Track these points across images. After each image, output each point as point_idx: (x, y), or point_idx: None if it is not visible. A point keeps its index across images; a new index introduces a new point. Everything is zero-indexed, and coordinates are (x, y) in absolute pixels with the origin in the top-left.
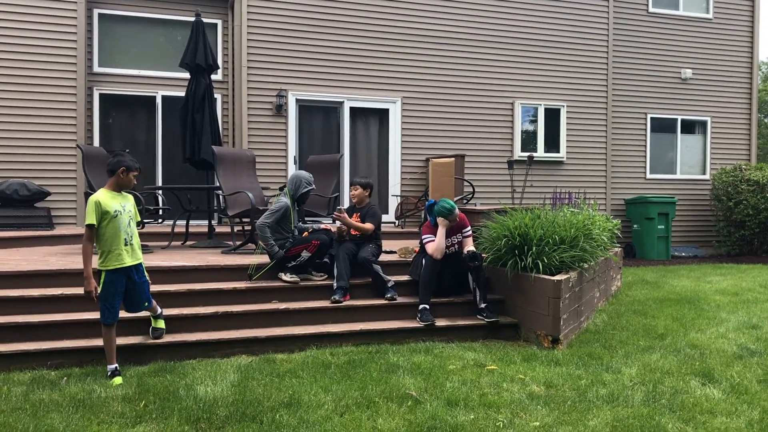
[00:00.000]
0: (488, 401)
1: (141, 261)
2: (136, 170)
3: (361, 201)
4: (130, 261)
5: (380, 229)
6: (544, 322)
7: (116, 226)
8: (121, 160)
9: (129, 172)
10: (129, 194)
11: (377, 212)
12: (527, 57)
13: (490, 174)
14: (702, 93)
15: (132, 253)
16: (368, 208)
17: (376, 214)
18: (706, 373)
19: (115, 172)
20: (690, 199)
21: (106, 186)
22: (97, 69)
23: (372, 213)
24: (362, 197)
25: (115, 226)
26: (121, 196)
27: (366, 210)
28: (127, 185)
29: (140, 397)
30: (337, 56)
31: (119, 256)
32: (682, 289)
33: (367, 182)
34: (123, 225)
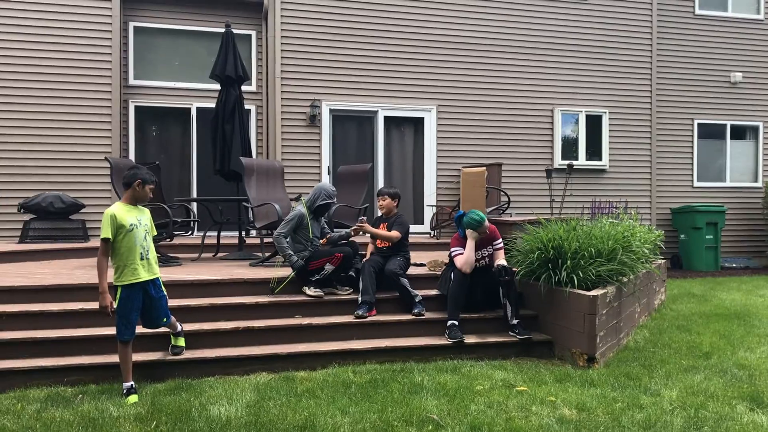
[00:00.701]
0: (514, 426)
1: (158, 275)
2: (152, 183)
3: (389, 211)
4: (146, 276)
5: (408, 240)
6: (579, 340)
7: (132, 240)
8: (137, 173)
9: (145, 185)
10: (145, 208)
11: (405, 222)
12: (567, 62)
13: (528, 183)
14: (753, 97)
15: (148, 267)
16: (396, 217)
17: (404, 223)
18: (755, 396)
19: (131, 185)
20: (741, 208)
21: (122, 199)
22: (133, 81)
23: (399, 222)
24: (390, 207)
25: (130, 240)
26: (137, 210)
27: (393, 220)
28: (143, 198)
29: (152, 416)
30: (370, 65)
31: (135, 270)
32: (731, 303)
33: (395, 192)
34: (139, 239)
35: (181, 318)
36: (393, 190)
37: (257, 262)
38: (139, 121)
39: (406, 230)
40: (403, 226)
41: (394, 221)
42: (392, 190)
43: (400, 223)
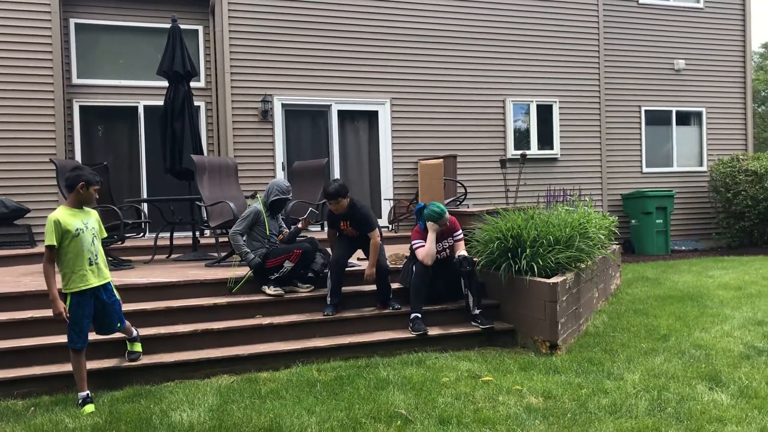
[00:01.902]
0: (483, 417)
1: (109, 280)
2: (97, 184)
3: (344, 207)
4: (96, 281)
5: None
6: (541, 327)
7: (79, 246)
8: (80, 174)
9: (89, 186)
10: (92, 210)
11: (368, 214)
12: (517, 53)
13: (483, 174)
14: (696, 84)
15: (98, 272)
16: (356, 212)
17: (368, 217)
18: (713, 376)
19: (74, 188)
20: (688, 192)
21: (66, 203)
22: (76, 80)
23: (362, 218)
24: (342, 206)
25: (77, 246)
26: (82, 213)
27: (355, 216)
28: (89, 201)
29: (111, 426)
30: (322, 59)
31: (84, 276)
32: (684, 285)
33: (337, 189)
34: (86, 244)
35: (137, 323)
36: (334, 189)
37: (213, 262)
38: (84, 121)
39: (373, 222)
40: (369, 222)
41: (358, 218)
42: (333, 190)
43: (365, 220)
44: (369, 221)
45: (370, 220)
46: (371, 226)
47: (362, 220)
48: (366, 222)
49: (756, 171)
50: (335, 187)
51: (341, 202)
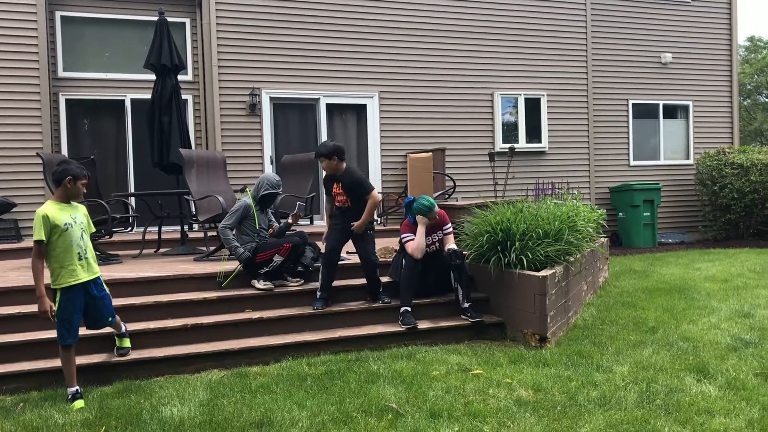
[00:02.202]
0: (473, 410)
1: (98, 274)
2: (85, 178)
3: (336, 170)
4: (86, 276)
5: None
6: (531, 320)
7: (68, 240)
8: (67, 168)
9: (77, 180)
10: (80, 204)
11: (359, 176)
12: (505, 47)
13: (471, 167)
14: (683, 77)
15: (88, 267)
16: (348, 174)
17: (362, 181)
18: (701, 368)
19: (62, 182)
20: (675, 185)
21: (54, 197)
22: (62, 74)
23: (356, 181)
24: (333, 167)
25: (66, 241)
26: (71, 207)
27: (348, 178)
28: (76, 195)
29: (101, 421)
30: (310, 52)
31: (73, 272)
32: (671, 278)
33: (332, 149)
34: (75, 238)
35: (126, 317)
36: (327, 149)
37: (202, 256)
38: (70, 114)
39: (367, 185)
40: (363, 184)
41: (350, 181)
42: (325, 149)
43: (358, 181)
44: (363, 184)
45: (365, 183)
46: (367, 189)
47: (355, 182)
48: (359, 184)
49: (742, 164)
50: (331, 146)
51: (334, 163)
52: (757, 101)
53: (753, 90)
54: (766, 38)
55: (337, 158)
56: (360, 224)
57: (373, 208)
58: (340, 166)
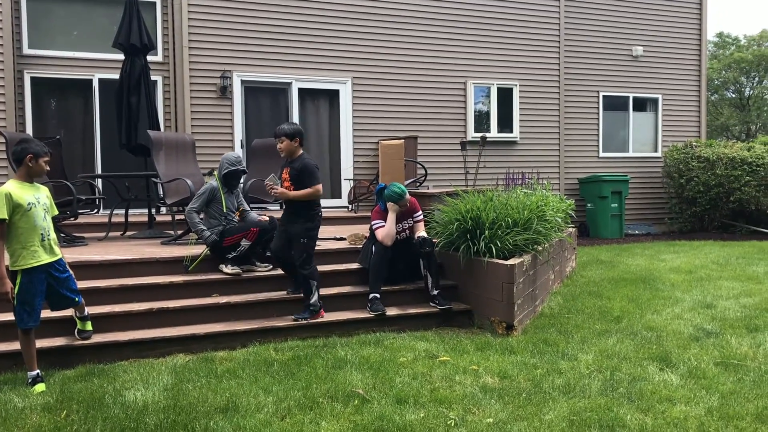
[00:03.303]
0: (440, 397)
1: (60, 257)
2: (46, 155)
3: (292, 153)
4: (47, 258)
5: (312, 185)
6: (498, 308)
7: (31, 221)
8: (27, 147)
9: (38, 158)
10: (42, 186)
11: (311, 167)
12: (479, 36)
13: (443, 156)
14: (653, 71)
15: (50, 249)
16: (301, 161)
17: (311, 170)
18: (664, 357)
19: (22, 161)
20: (643, 177)
21: (16, 177)
22: (27, 51)
23: (307, 169)
24: (290, 149)
25: (29, 221)
26: (33, 188)
27: (299, 165)
28: (38, 174)
29: (62, 405)
30: (283, 35)
31: (35, 253)
32: (637, 269)
33: (293, 130)
34: (38, 219)
35: (90, 300)
36: (289, 128)
37: (169, 240)
38: (36, 93)
39: (315, 177)
40: (313, 175)
41: (300, 167)
42: (289, 128)
43: (309, 171)
44: (313, 173)
45: (314, 174)
46: (313, 179)
47: (303, 168)
48: (308, 173)
49: (708, 158)
50: (294, 126)
51: (294, 146)
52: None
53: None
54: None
55: (298, 141)
56: (282, 192)
57: (309, 195)
58: (297, 151)
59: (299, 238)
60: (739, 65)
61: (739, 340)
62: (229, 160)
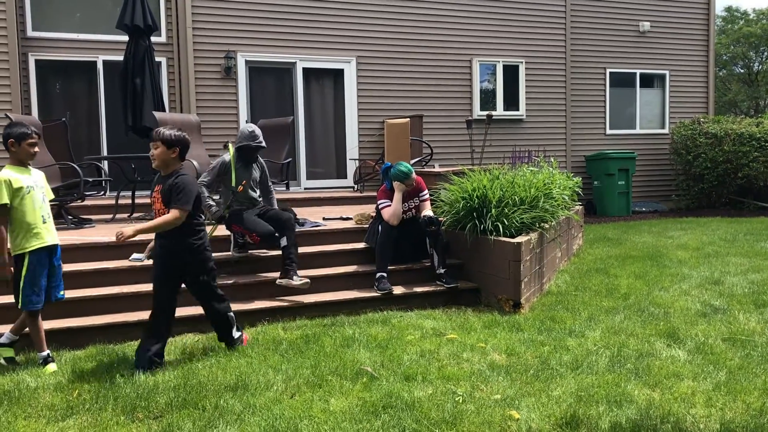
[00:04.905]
0: (447, 374)
1: (58, 243)
2: (30, 137)
3: (166, 165)
4: (50, 240)
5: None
6: (505, 286)
7: (31, 203)
8: (9, 131)
9: (20, 141)
10: (37, 170)
11: (183, 184)
12: (485, 13)
13: (449, 134)
14: (660, 46)
15: (50, 231)
16: (175, 180)
17: (178, 187)
18: (671, 333)
19: (8, 148)
20: (650, 154)
21: (9, 162)
22: (31, 33)
23: (172, 186)
24: (164, 159)
25: (30, 203)
26: (28, 171)
27: (172, 183)
28: (26, 157)
29: (74, 385)
30: (288, 14)
31: (38, 234)
32: (644, 246)
33: (174, 137)
34: (38, 201)
35: (99, 281)
36: (171, 134)
37: None
38: (41, 75)
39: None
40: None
41: (171, 185)
42: (170, 134)
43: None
44: (179, 191)
45: (180, 191)
46: (178, 200)
47: (171, 187)
48: (176, 190)
49: (716, 134)
50: (167, 130)
51: (161, 150)
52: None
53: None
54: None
55: (177, 152)
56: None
57: (166, 223)
58: (174, 165)
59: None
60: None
61: (746, 316)
62: (243, 134)
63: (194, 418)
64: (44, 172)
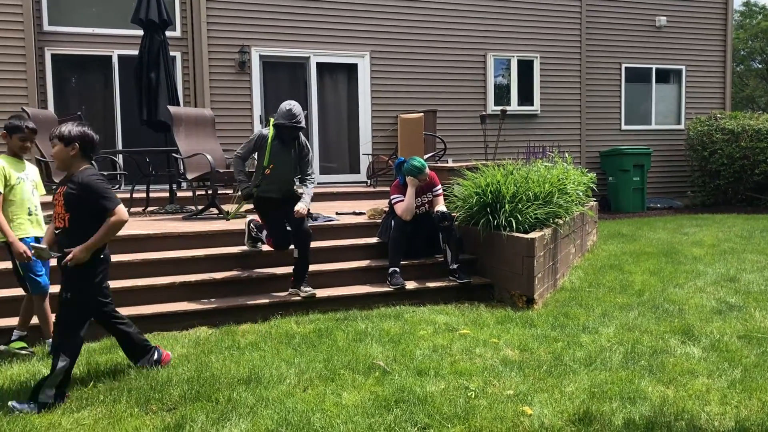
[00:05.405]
0: (460, 369)
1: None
2: (21, 132)
3: (66, 164)
4: (33, 232)
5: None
6: (518, 282)
7: (20, 194)
8: (6, 123)
9: (12, 134)
10: (30, 164)
11: (98, 183)
12: (499, 8)
13: (462, 129)
14: (677, 41)
15: (36, 224)
16: (81, 180)
17: (99, 186)
18: (686, 330)
19: None
20: (665, 150)
21: (5, 153)
22: (48, 28)
23: (94, 189)
24: (63, 158)
25: (18, 194)
26: (20, 163)
27: (80, 183)
28: (17, 149)
29: (88, 377)
30: (301, 9)
31: (21, 225)
32: (659, 242)
33: (70, 133)
34: (26, 193)
35: (113, 274)
36: (69, 130)
37: (190, 215)
38: (56, 70)
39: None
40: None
41: (73, 190)
42: (63, 130)
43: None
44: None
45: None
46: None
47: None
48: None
49: (732, 130)
50: (65, 127)
51: (59, 149)
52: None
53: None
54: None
55: (77, 148)
56: (78, 253)
57: (114, 229)
58: (78, 164)
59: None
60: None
61: (763, 314)
62: (281, 111)
63: (207, 410)
64: None
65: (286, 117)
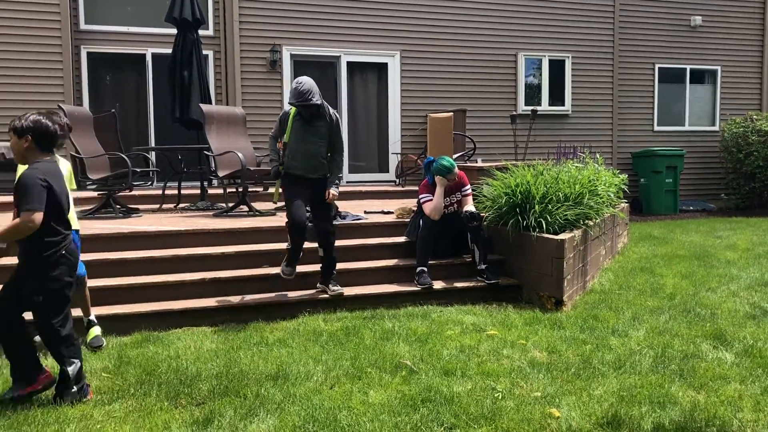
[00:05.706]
0: (487, 369)
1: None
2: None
3: (22, 157)
4: None
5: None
6: (547, 283)
7: None
8: None
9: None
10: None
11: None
12: (530, 7)
13: (492, 129)
14: (712, 41)
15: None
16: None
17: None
18: (718, 335)
19: None
20: (699, 152)
21: None
22: (84, 26)
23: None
24: (18, 150)
25: None
26: None
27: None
28: None
29: (120, 370)
30: (332, 8)
31: None
32: (691, 245)
33: (22, 125)
34: None
35: (145, 270)
36: (18, 122)
37: (221, 212)
38: (92, 67)
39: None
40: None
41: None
42: (16, 123)
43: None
44: (20, 190)
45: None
46: (23, 201)
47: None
48: (18, 190)
49: None
50: (18, 120)
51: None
52: None
53: None
54: None
55: (30, 140)
56: None
57: (15, 231)
58: (32, 156)
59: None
60: None
61: None
62: (291, 90)
63: (235, 405)
64: (94, 162)
65: (294, 96)
